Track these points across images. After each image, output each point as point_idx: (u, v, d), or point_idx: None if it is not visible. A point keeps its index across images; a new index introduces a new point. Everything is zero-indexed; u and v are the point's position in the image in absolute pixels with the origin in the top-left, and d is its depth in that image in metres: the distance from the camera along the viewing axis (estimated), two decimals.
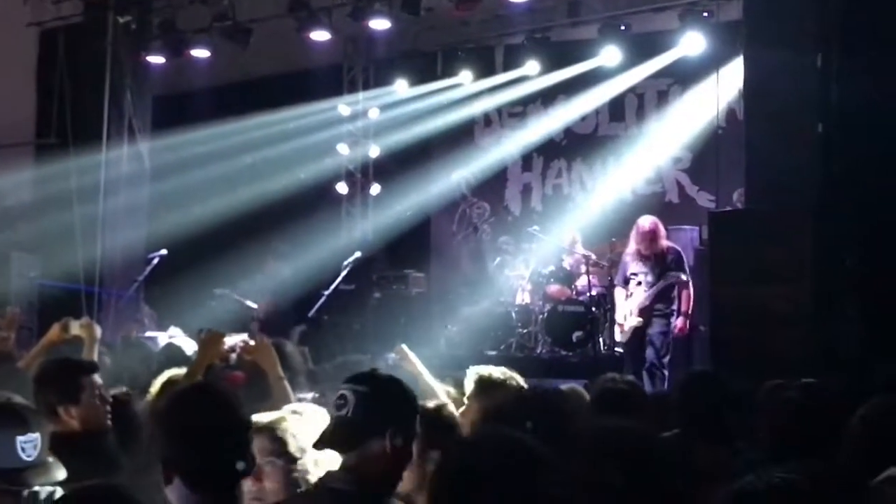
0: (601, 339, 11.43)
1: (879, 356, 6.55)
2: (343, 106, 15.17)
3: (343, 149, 15.29)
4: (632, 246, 10.33)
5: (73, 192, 11.73)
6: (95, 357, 5.67)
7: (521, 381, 4.90)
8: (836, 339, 7.10)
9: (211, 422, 2.99)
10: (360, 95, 15.42)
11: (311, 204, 14.25)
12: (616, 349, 11.25)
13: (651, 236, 10.07)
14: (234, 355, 4.83)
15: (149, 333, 11.59)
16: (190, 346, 6.12)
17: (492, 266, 12.86)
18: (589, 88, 13.75)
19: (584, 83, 13.69)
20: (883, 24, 8.10)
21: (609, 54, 12.96)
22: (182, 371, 4.73)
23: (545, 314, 11.59)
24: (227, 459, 2.94)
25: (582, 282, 11.84)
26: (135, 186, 12.58)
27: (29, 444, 3.30)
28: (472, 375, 4.78)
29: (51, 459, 3.34)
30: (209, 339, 4.68)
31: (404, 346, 5.16)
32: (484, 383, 4.72)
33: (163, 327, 11.94)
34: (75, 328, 5.89)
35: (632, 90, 13.82)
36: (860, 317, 7.23)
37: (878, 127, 7.92)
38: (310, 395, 4.73)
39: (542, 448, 2.29)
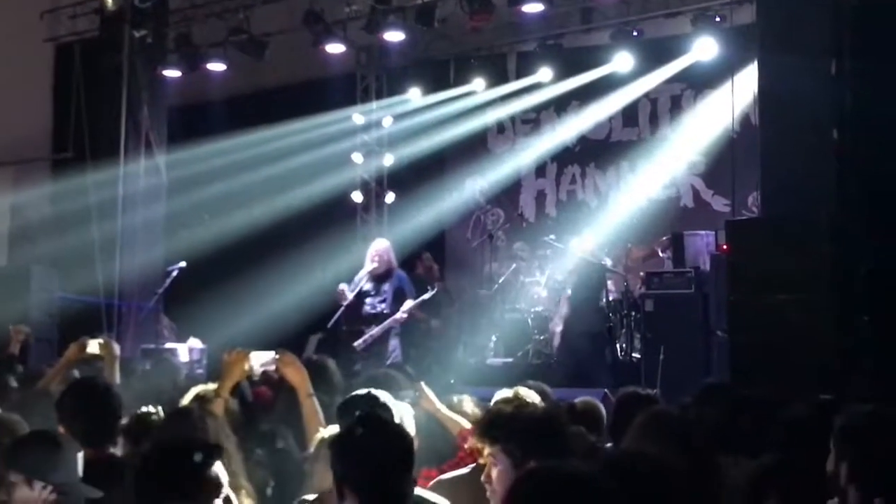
0: (619, 346, 11.43)
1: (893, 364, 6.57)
2: (357, 115, 15.23)
3: (357, 158, 15.34)
4: None
5: (92, 207, 11.80)
6: (117, 376, 5.70)
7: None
8: (851, 347, 7.11)
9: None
10: (374, 104, 15.47)
11: (326, 213, 14.28)
12: (634, 355, 11.25)
13: None
14: (259, 371, 4.84)
15: (168, 345, 11.71)
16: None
17: (507, 272, 12.87)
18: (602, 94, 13.78)
19: (597, 89, 13.71)
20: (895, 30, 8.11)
21: (622, 60, 12.96)
22: (210, 387, 4.76)
23: None
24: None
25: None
26: (153, 200, 12.62)
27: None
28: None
29: None
30: (234, 359, 4.71)
31: (423, 385, 5.07)
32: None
33: (182, 338, 12.06)
34: (94, 347, 5.83)
35: (645, 95, 13.82)
36: (874, 324, 7.22)
37: (892, 132, 7.93)
38: None
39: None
